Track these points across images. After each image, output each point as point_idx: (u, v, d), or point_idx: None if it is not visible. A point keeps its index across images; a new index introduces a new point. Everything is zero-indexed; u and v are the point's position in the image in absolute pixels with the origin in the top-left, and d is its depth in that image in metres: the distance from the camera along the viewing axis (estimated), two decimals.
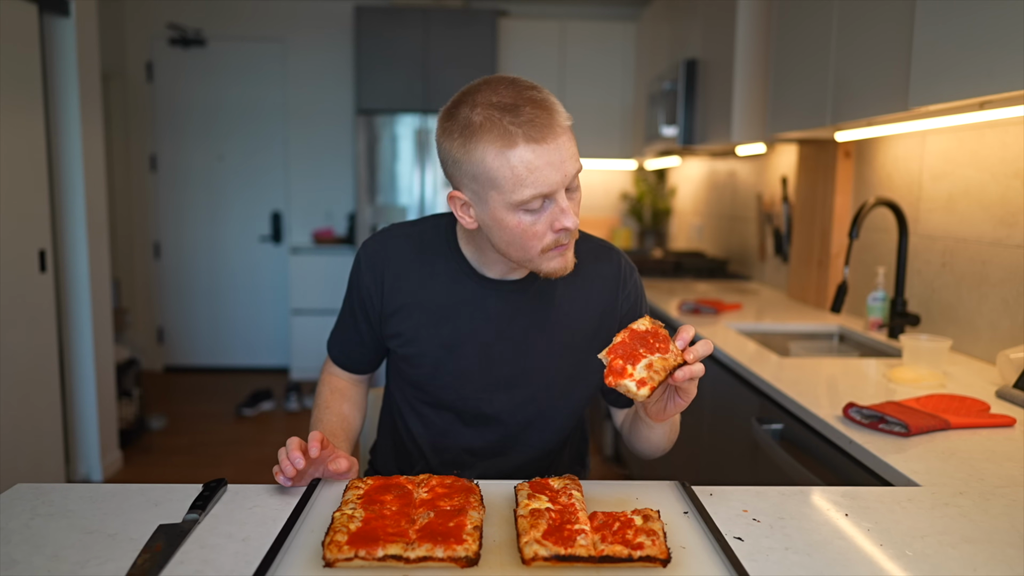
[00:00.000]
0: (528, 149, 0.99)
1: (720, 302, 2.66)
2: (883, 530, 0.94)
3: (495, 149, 1.00)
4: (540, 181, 1.00)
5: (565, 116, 1.04)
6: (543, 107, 1.01)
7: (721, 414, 2.12)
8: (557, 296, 1.21)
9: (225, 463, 3.65)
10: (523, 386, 1.21)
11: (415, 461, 1.31)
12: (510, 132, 0.99)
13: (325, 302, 4.91)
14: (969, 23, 1.47)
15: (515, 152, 0.99)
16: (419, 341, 1.21)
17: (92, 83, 3.25)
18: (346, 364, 1.33)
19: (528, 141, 0.99)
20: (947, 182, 2.07)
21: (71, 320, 3.23)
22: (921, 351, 1.73)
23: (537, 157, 0.99)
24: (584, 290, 1.22)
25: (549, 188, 1.01)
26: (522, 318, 1.20)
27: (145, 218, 5.18)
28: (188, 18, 5.03)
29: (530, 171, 0.99)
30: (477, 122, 1.01)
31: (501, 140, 0.99)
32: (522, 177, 1.00)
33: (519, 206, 1.02)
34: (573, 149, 1.04)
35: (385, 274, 1.22)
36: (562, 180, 1.01)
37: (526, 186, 1.00)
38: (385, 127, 4.65)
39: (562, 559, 0.81)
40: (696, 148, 3.48)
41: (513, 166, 0.99)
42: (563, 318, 1.21)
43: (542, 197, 1.02)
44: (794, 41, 2.38)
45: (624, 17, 5.09)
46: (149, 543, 0.87)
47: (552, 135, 1.00)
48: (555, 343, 1.21)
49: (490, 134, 1.00)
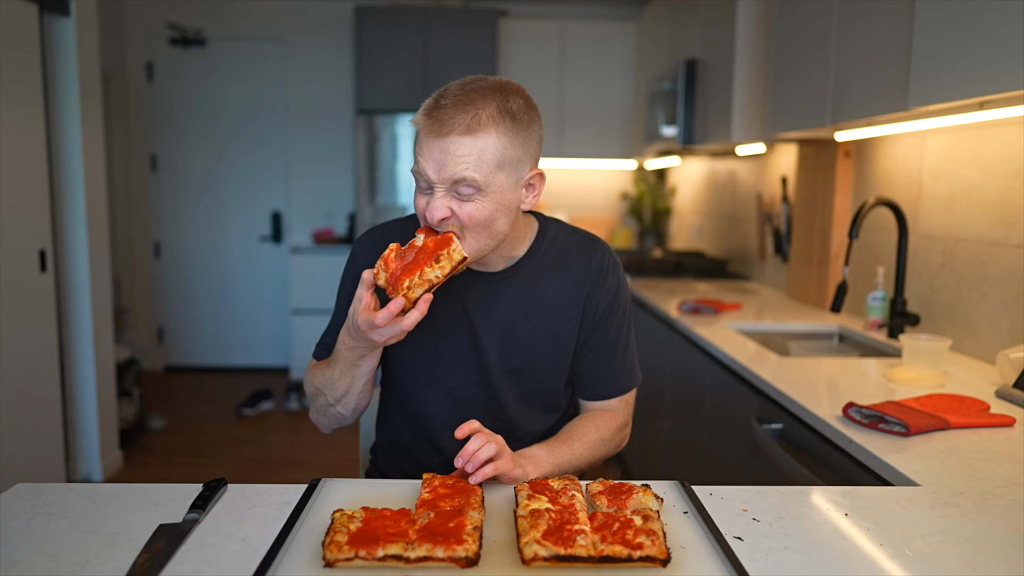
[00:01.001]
0: (424, 132, 1.10)
1: (720, 302, 2.66)
2: (883, 530, 0.94)
3: (418, 120, 1.11)
4: (421, 160, 1.10)
5: (494, 125, 1.08)
6: (461, 108, 1.07)
7: (721, 414, 2.12)
8: (540, 285, 1.25)
9: (225, 463, 3.65)
10: (509, 372, 1.25)
11: (415, 457, 1.31)
12: (426, 112, 1.10)
13: (325, 302, 4.91)
14: (969, 23, 1.48)
15: (420, 128, 1.11)
16: (411, 332, 1.22)
17: (92, 83, 3.25)
18: None
19: (425, 132, 1.09)
20: (947, 182, 2.07)
21: (71, 320, 3.23)
22: (921, 351, 1.73)
23: (427, 142, 1.09)
24: (567, 281, 1.26)
25: (426, 173, 1.09)
26: (506, 306, 1.24)
27: (145, 218, 5.18)
28: (188, 18, 5.03)
29: (420, 155, 1.10)
30: (430, 97, 1.13)
31: (420, 118, 1.11)
32: (416, 151, 1.12)
33: (415, 176, 1.13)
34: (471, 159, 1.07)
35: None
36: (436, 177, 1.08)
37: (416, 159, 1.12)
38: (385, 127, 4.65)
39: (562, 559, 0.81)
40: (696, 148, 3.48)
41: (417, 139, 1.12)
42: (546, 307, 1.25)
43: (422, 176, 1.10)
44: (794, 41, 2.38)
45: (624, 17, 5.09)
46: (149, 543, 0.87)
47: (444, 134, 1.07)
48: (538, 330, 1.25)
49: (420, 112, 1.11)
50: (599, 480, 1.02)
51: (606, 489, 0.99)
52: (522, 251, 1.25)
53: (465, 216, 1.09)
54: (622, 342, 1.31)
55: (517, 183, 1.13)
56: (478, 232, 1.11)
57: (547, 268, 1.25)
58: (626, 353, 1.32)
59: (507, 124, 1.09)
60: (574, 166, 5.18)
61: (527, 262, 1.25)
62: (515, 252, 1.25)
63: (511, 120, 1.10)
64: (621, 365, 1.31)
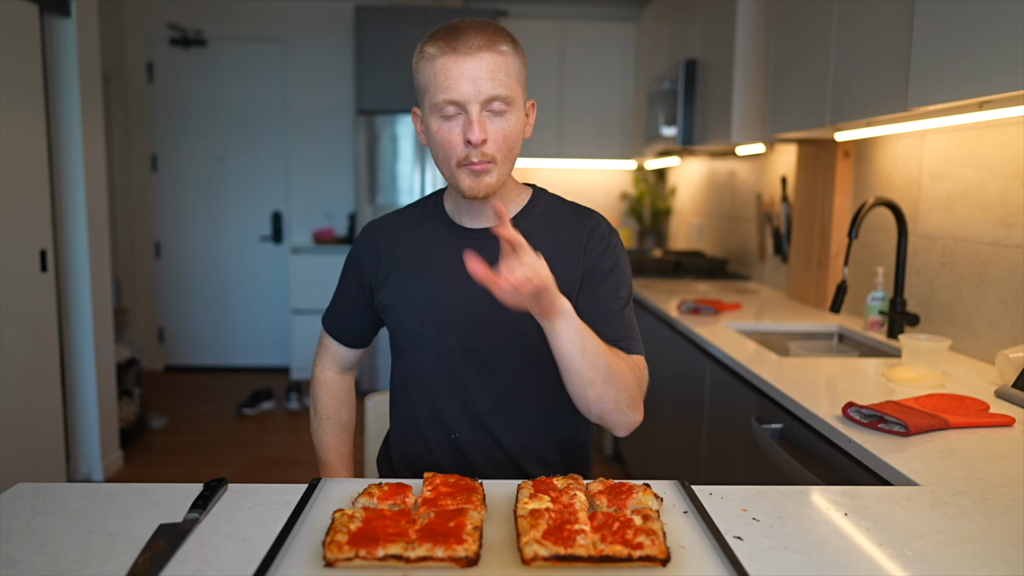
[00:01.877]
0: (448, 58, 1.11)
1: (720, 302, 2.66)
2: (882, 529, 0.94)
3: (427, 57, 1.13)
4: (452, 88, 1.10)
5: (506, 45, 1.14)
6: (480, 30, 1.12)
7: (721, 414, 2.12)
8: (535, 243, 1.19)
9: (225, 463, 3.66)
10: (505, 330, 1.23)
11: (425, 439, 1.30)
12: (440, 44, 1.12)
13: (325, 302, 4.84)
14: (969, 23, 1.48)
15: (438, 60, 1.12)
16: (407, 295, 1.27)
17: (93, 83, 3.25)
18: (340, 336, 1.39)
19: (450, 52, 1.11)
20: (946, 182, 2.07)
21: (72, 320, 3.24)
22: (920, 351, 1.73)
23: (454, 65, 1.10)
24: (562, 240, 1.26)
25: (460, 96, 1.10)
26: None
27: (145, 218, 5.19)
28: (188, 18, 5.03)
29: (446, 77, 1.11)
30: (428, 37, 1.15)
31: (434, 48, 1.12)
32: (440, 82, 1.11)
33: (437, 110, 1.13)
34: (500, 74, 1.12)
35: (381, 246, 1.31)
36: (474, 93, 1.10)
37: (440, 90, 1.11)
38: (385, 127, 4.65)
39: (562, 559, 0.81)
40: (696, 148, 3.48)
41: (435, 71, 1.12)
42: None
43: (453, 104, 1.11)
44: (794, 41, 2.38)
45: (624, 17, 5.09)
46: (150, 542, 0.87)
47: (474, 51, 1.10)
48: None
49: (430, 44, 1.13)
50: (599, 480, 1.02)
51: (606, 489, 0.99)
52: (515, 210, 1.27)
53: (500, 135, 1.14)
54: (623, 308, 1.24)
55: (524, 106, 1.19)
56: (505, 154, 1.16)
57: (541, 228, 1.26)
58: (629, 320, 1.25)
59: (516, 47, 1.17)
60: (574, 166, 5.18)
61: (520, 221, 1.26)
62: (509, 209, 1.26)
63: (516, 44, 1.18)
64: (623, 327, 1.22)
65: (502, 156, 1.15)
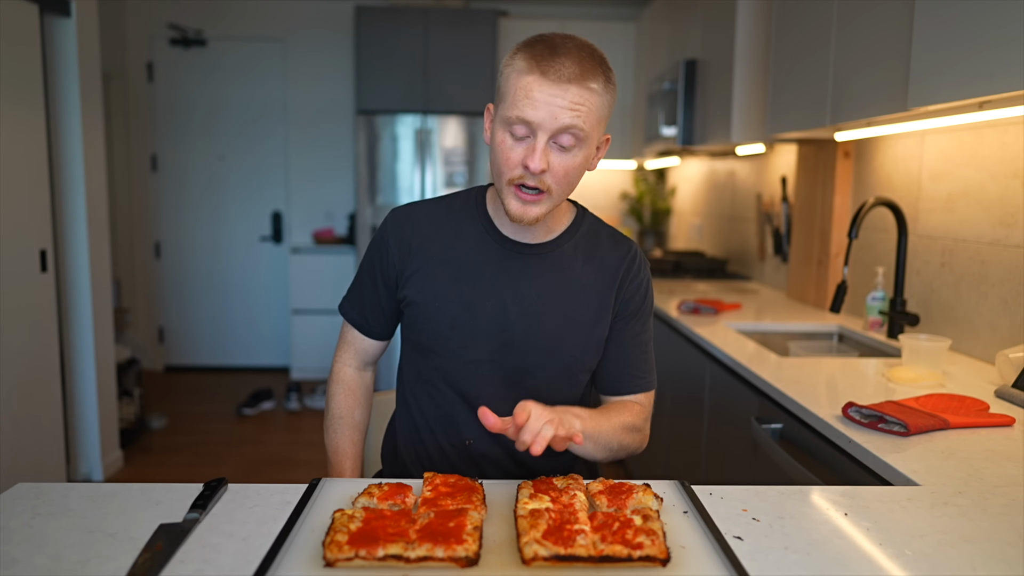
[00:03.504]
0: (534, 78, 1.08)
1: (720, 302, 2.66)
2: (882, 529, 0.94)
3: (517, 68, 1.11)
4: (527, 109, 1.08)
5: (597, 83, 1.11)
6: (576, 60, 1.09)
7: (721, 414, 2.12)
8: (575, 267, 1.25)
9: (225, 463, 3.66)
10: (537, 349, 1.23)
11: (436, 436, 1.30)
12: (535, 61, 1.09)
13: (325, 302, 4.91)
14: (969, 23, 1.48)
15: (525, 76, 1.09)
16: (438, 298, 1.24)
17: (93, 83, 3.25)
18: (365, 327, 1.34)
19: (538, 73, 1.08)
20: (946, 182, 2.07)
21: (72, 320, 3.24)
22: (920, 351, 1.73)
23: (538, 88, 1.08)
24: (601, 267, 1.27)
25: (535, 119, 1.08)
26: (539, 281, 1.23)
27: (146, 218, 5.19)
28: (188, 18, 5.03)
29: (527, 96, 1.09)
30: (525, 45, 1.12)
31: (525, 63, 1.10)
32: (519, 99, 1.09)
33: (507, 124, 1.11)
34: (582, 110, 1.09)
35: (413, 237, 1.27)
36: (549, 120, 1.08)
37: (516, 107, 1.09)
38: (385, 127, 4.65)
39: (562, 559, 0.81)
40: (696, 148, 3.48)
41: (519, 86, 1.10)
42: (579, 288, 1.25)
43: (525, 124, 1.09)
44: (793, 41, 2.38)
45: (624, 17, 5.09)
46: (150, 542, 0.87)
47: (563, 81, 1.08)
48: (569, 310, 1.24)
49: (523, 56, 1.11)
50: (599, 480, 1.02)
51: (606, 489, 0.99)
52: (560, 229, 1.27)
53: (560, 169, 1.12)
54: (648, 341, 1.32)
55: (596, 141, 1.18)
56: (562, 189, 1.14)
57: (582, 251, 1.27)
58: (650, 353, 1.33)
59: (607, 84, 1.14)
60: None
61: (564, 241, 1.26)
62: (556, 227, 1.26)
63: (609, 81, 1.14)
64: (646, 363, 1.32)
65: (558, 190, 1.14)
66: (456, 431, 1.27)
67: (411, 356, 1.32)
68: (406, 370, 1.34)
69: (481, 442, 1.26)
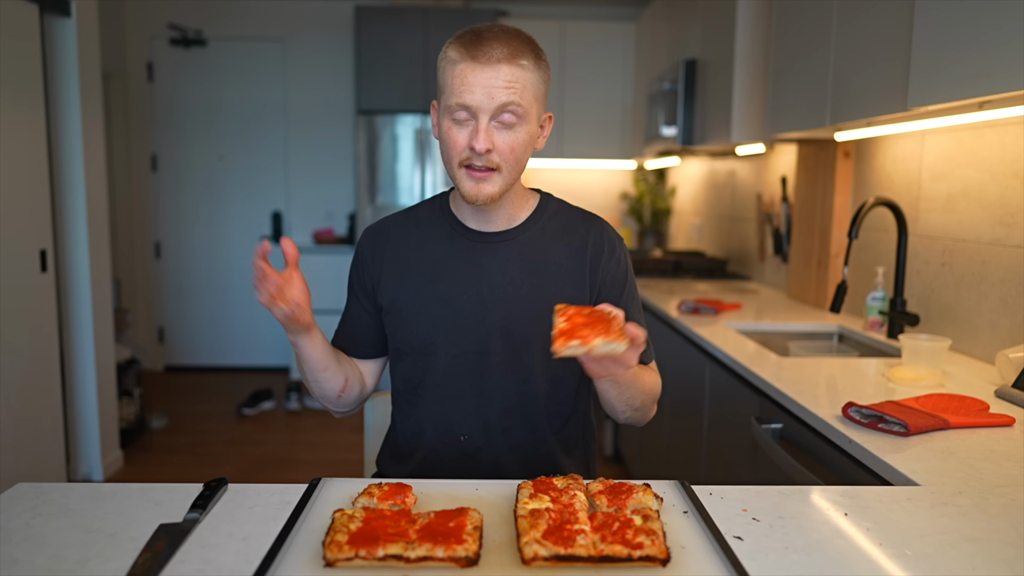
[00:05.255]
0: (466, 65, 1.14)
1: (720, 302, 2.66)
2: (882, 529, 0.94)
3: (450, 59, 1.16)
4: (465, 94, 1.13)
5: (527, 59, 1.15)
6: (503, 42, 1.14)
7: (721, 414, 2.12)
8: (545, 248, 1.28)
9: (225, 462, 3.66)
10: (519, 333, 1.25)
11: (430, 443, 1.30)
12: (461, 50, 1.14)
13: (325, 302, 4.89)
14: (969, 23, 1.48)
15: (458, 65, 1.14)
16: (417, 299, 1.26)
17: (93, 83, 3.25)
18: (351, 347, 1.34)
19: (469, 59, 1.13)
20: (946, 182, 2.07)
21: (72, 320, 3.24)
22: (920, 351, 1.73)
23: (471, 73, 1.13)
24: (572, 246, 1.29)
25: (473, 102, 1.13)
26: (512, 267, 1.26)
27: (145, 218, 5.19)
28: (188, 18, 5.03)
29: (462, 83, 1.14)
30: (455, 38, 1.18)
31: (456, 52, 1.15)
32: (456, 87, 1.14)
33: (449, 112, 1.16)
34: (516, 87, 1.14)
35: (385, 247, 1.31)
36: (487, 101, 1.13)
37: (454, 95, 1.14)
38: (385, 127, 4.65)
39: (562, 559, 0.81)
40: (696, 148, 3.48)
41: (454, 75, 1.15)
42: (551, 268, 1.27)
43: (465, 109, 1.14)
44: (793, 41, 2.38)
45: (624, 17, 5.09)
46: (150, 542, 0.87)
47: (493, 62, 1.13)
48: (544, 291, 1.25)
49: (454, 48, 1.16)
50: (599, 480, 1.02)
51: (606, 489, 0.99)
52: (524, 216, 1.29)
53: (505, 146, 1.16)
54: (636, 314, 1.32)
55: (538, 119, 1.21)
56: (511, 165, 1.18)
57: (550, 233, 1.29)
58: (644, 325, 1.28)
59: (538, 61, 1.18)
60: (574, 166, 5.18)
61: (530, 226, 1.29)
62: (518, 214, 1.29)
63: (540, 59, 1.19)
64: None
65: (507, 167, 1.18)
66: (449, 428, 1.28)
67: (399, 367, 1.33)
68: (396, 383, 1.35)
69: (474, 435, 1.27)
